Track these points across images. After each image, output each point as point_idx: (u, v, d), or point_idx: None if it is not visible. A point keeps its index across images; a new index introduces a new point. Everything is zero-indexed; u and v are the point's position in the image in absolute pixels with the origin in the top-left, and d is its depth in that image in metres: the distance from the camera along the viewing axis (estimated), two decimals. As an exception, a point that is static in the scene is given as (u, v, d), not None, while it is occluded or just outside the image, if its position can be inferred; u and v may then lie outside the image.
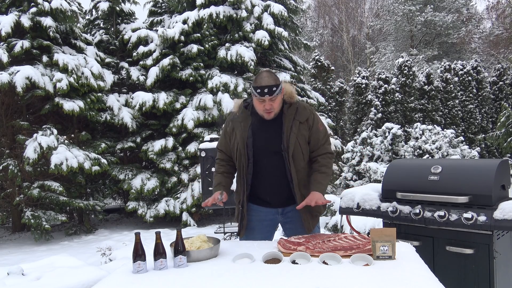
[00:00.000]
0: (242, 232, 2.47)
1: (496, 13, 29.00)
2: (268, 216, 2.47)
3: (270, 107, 2.29)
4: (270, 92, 2.24)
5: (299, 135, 2.34)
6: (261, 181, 2.41)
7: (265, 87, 2.23)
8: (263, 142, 2.37)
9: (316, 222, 2.47)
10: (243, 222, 2.45)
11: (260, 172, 2.40)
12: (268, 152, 2.37)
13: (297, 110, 2.38)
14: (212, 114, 9.69)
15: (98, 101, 9.21)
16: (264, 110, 2.30)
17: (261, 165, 2.39)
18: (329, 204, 7.58)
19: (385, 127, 10.38)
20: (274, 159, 2.36)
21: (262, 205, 2.47)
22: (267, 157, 2.37)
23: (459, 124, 18.20)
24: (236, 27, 10.62)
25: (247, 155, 2.36)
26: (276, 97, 2.28)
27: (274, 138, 2.35)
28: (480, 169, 2.61)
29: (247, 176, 2.39)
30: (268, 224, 2.49)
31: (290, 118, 2.34)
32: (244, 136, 2.36)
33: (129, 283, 1.72)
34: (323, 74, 17.68)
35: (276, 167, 2.36)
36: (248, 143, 2.36)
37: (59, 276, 3.74)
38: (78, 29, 9.78)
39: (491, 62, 25.79)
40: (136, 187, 9.15)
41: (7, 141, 8.80)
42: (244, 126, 2.39)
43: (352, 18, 32.30)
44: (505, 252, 2.60)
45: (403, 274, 1.67)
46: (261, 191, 2.43)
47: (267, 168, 2.39)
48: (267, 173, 2.39)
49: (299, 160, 2.36)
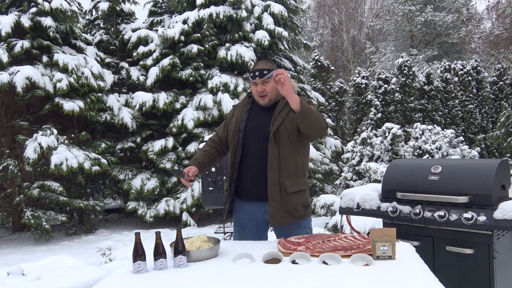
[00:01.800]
0: (227, 217, 2.54)
1: (496, 13, 29.00)
2: (256, 215, 2.47)
3: (262, 90, 2.39)
4: (260, 74, 2.37)
5: (287, 119, 2.33)
6: (247, 165, 2.43)
7: (257, 70, 2.39)
8: (254, 127, 2.44)
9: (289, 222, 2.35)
10: (226, 206, 2.52)
11: (248, 157, 2.43)
12: (257, 137, 2.41)
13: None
14: (212, 114, 9.69)
15: (98, 101, 9.21)
16: (257, 93, 2.42)
17: (250, 150, 2.43)
18: (329, 204, 7.57)
19: (385, 127, 10.38)
20: (263, 145, 2.37)
21: (248, 199, 2.47)
22: (256, 143, 2.40)
23: (459, 124, 18.21)
24: (236, 27, 10.62)
25: (237, 137, 2.45)
26: (268, 80, 2.38)
27: (265, 124, 2.40)
28: (480, 169, 2.61)
29: (235, 158, 2.45)
30: (258, 222, 2.48)
31: (282, 104, 2.40)
32: (239, 119, 2.49)
33: (129, 283, 1.72)
34: (323, 74, 17.68)
35: (263, 153, 2.36)
36: (241, 126, 2.46)
37: (59, 276, 3.74)
38: (78, 29, 9.78)
39: (491, 62, 25.80)
40: (136, 187, 9.15)
41: (7, 141, 8.80)
42: (242, 111, 2.53)
43: (352, 18, 32.30)
44: (505, 252, 2.60)
45: (403, 274, 1.67)
46: (247, 178, 2.44)
47: (254, 153, 2.41)
48: (254, 159, 2.41)
49: (285, 145, 2.33)
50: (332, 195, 8.29)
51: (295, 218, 2.37)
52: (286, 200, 2.33)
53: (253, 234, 2.47)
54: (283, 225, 2.37)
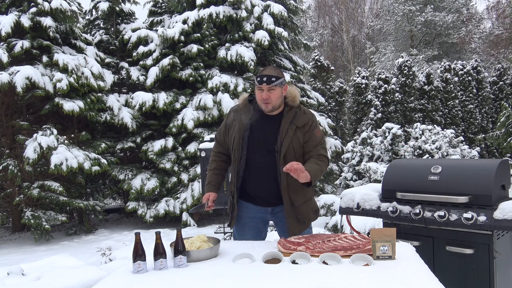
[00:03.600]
0: (232, 222, 2.54)
1: (496, 13, 29.02)
2: (258, 214, 2.51)
3: (267, 97, 2.33)
4: (268, 81, 2.31)
5: (294, 139, 2.36)
6: (251, 176, 2.44)
7: (265, 75, 2.32)
8: (258, 139, 2.40)
9: (304, 229, 2.46)
10: (234, 213, 2.51)
11: (252, 168, 2.43)
12: (261, 150, 2.40)
13: (296, 114, 2.41)
14: (212, 114, 9.69)
15: (98, 101, 9.21)
16: (262, 99, 2.35)
17: (254, 162, 2.42)
18: (329, 204, 7.58)
19: (385, 127, 10.39)
20: (267, 158, 2.39)
21: (252, 202, 2.50)
22: (260, 155, 2.40)
23: (459, 124, 18.21)
24: (236, 27, 10.62)
25: (241, 149, 2.41)
26: (275, 88, 2.33)
27: (270, 137, 2.39)
28: (480, 169, 2.61)
29: (239, 168, 2.43)
30: (258, 221, 2.53)
31: (288, 121, 2.38)
32: (242, 128, 2.41)
33: (129, 283, 1.72)
34: (323, 74, 17.68)
35: (268, 166, 2.39)
36: (244, 136, 2.40)
37: (59, 276, 3.74)
38: (78, 29, 9.78)
39: (491, 62, 25.80)
40: (136, 187, 9.15)
41: (7, 141, 8.80)
42: (244, 119, 2.44)
43: (352, 18, 32.31)
44: (505, 252, 2.60)
45: (403, 274, 1.67)
46: (251, 188, 2.47)
47: (259, 165, 2.41)
48: (258, 170, 2.42)
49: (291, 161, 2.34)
50: (332, 195, 8.30)
51: (308, 224, 2.50)
52: (298, 212, 2.42)
53: (253, 231, 2.51)
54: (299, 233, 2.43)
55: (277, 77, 2.33)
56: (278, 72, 2.37)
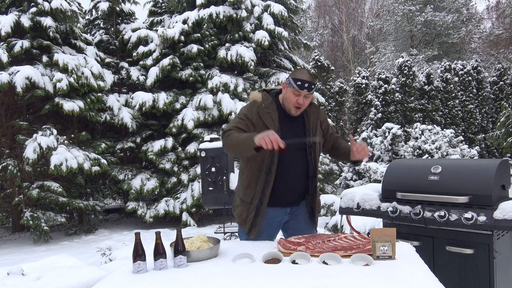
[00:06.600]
0: (255, 230, 2.38)
1: (496, 13, 29.02)
2: (276, 218, 2.45)
3: (303, 103, 2.32)
4: (309, 88, 2.28)
5: (319, 133, 2.50)
6: (282, 176, 2.38)
7: (306, 81, 2.27)
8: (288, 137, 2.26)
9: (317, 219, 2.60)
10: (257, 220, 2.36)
11: (283, 168, 2.38)
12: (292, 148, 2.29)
13: (319, 111, 2.53)
14: (212, 114, 9.69)
15: (98, 101, 9.21)
16: (295, 103, 2.31)
17: (285, 162, 2.37)
18: (329, 204, 7.58)
19: (385, 127, 10.39)
20: (297, 155, 2.39)
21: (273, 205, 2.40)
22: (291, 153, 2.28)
23: (459, 124, 18.20)
24: (236, 27, 10.62)
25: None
26: (310, 95, 2.35)
27: (300, 135, 2.41)
28: (480, 169, 2.61)
29: (271, 168, 2.31)
30: (275, 226, 2.48)
31: (314, 117, 2.48)
32: (274, 129, 2.27)
33: (129, 283, 1.72)
34: (323, 74, 17.68)
35: (298, 163, 2.41)
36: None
37: (59, 276, 3.74)
38: (78, 29, 9.78)
39: (491, 62, 25.80)
40: (136, 187, 9.15)
41: (7, 141, 8.80)
42: (274, 118, 2.34)
43: (352, 18, 32.32)
44: (505, 252, 2.60)
45: (403, 274, 1.67)
46: (280, 189, 2.38)
47: (290, 163, 2.38)
48: (289, 168, 2.39)
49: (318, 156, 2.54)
50: (332, 195, 8.30)
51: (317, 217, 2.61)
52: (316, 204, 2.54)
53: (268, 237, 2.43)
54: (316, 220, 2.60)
55: (315, 84, 2.33)
56: (313, 78, 2.36)
